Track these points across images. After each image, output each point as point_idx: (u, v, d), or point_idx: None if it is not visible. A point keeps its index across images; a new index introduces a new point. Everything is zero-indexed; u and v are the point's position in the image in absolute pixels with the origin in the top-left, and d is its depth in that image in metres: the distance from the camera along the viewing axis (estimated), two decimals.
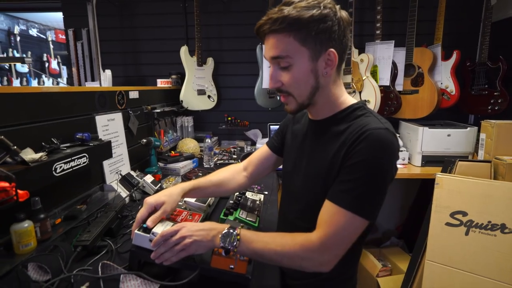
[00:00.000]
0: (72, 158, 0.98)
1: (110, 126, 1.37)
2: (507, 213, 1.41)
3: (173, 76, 2.36)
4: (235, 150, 2.21)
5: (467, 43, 2.31)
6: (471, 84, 2.21)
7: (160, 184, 1.50)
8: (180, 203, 1.02)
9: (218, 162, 2.02)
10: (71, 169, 0.97)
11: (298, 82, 0.74)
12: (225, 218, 0.97)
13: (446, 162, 1.73)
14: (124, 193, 1.33)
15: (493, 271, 1.39)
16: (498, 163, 1.61)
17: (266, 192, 1.31)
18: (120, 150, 1.45)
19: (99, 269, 0.70)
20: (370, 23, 2.28)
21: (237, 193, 1.19)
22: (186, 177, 1.69)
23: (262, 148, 1.06)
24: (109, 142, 1.20)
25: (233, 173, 1.05)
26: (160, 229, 0.78)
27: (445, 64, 2.16)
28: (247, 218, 0.99)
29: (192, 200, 1.02)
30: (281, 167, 1.57)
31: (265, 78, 2.26)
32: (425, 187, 2.49)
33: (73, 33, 2.53)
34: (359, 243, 0.79)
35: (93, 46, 2.45)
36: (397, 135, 0.72)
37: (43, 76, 5.21)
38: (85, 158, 1.05)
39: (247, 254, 0.74)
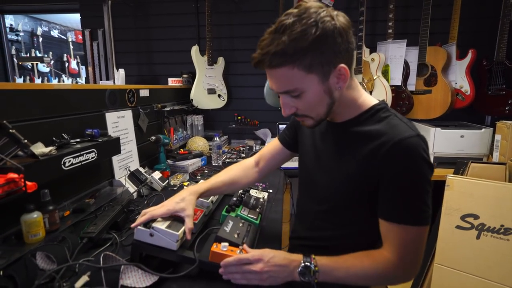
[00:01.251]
0: (81, 153, 1.01)
1: (120, 123, 1.40)
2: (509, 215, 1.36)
3: (184, 75, 2.40)
4: (244, 149, 2.23)
5: (483, 41, 2.24)
6: (487, 84, 2.14)
7: (167, 181, 1.53)
8: None
9: (227, 160, 2.04)
10: (80, 164, 1.01)
11: (312, 106, 0.72)
12: (227, 214, 0.98)
13: (458, 164, 1.69)
14: (132, 188, 1.37)
15: (506, 276, 1.34)
16: None
17: (271, 191, 1.32)
18: (130, 146, 1.49)
19: (101, 260, 0.72)
20: (382, 22, 2.24)
21: (241, 191, 1.20)
22: (193, 175, 1.72)
23: (273, 143, 1.06)
24: (117, 139, 1.24)
25: (244, 170, 1.06)
26: (160, 224, 0.80)
27: (459, 63, 2.10)
28: (249, 215, 0.99)
29: None
30: (289, 165, 1.51)
31: None
32: (436, 189, 2.42)
33: (89, 33, 2.62)
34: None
35: (108, 46, 2.53)
36: None
37: (63, 75, 5.40)
38: (93, 153, 1.08)
39: (328, 281, 0.74)
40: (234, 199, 1.13)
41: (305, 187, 0.94)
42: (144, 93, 1.67)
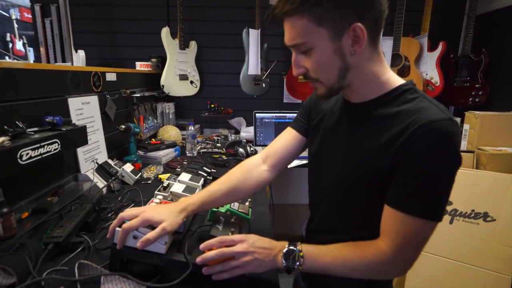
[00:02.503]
0: (41, 144, 0.86)
1: (84, 110, 1.24)
2: (489, 202, 1.44)
3: (153, 60, 2.22)
4: (219, 138, 2.13)
5: (451, 35, 2.33)
6: (454, 76, 2.24)
7: (140, 174, 1.40)
8: (165, 194, 0.93)
9: (202, 150, 1.93)
10: (40, 157, 0.86)
11: (321, 66, 0.65)
12: (216, 210, 0.90)
13: None
14: (101, 183, 1.23)
15: (476, 258, 1.42)
16: (481, 154, 1.64)
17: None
18: (96, 136, 1.33)
19: (76, 270, 0.61)
20: None
21: None
22: (168, 166, 1.60)
23: (285, 132, 0.93)
24: (84, 127, 1.09)
25: (248, 170, 0.88)
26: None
27: (430, 55, 2.17)
28: (239, 210, 0.92)
29: (180, 190, 0.94)
30: None
31: (251, 64, 2.17)
32: None
33: (40, 9, 2.31)
34: None
35: (63, 24, 2.26)
36: None
37: (7, 58, 4.82)
38: (56, 144, 0.93)
39: (312, 271, 0.68)
40: None
41: (316, 176, 0.85)
42: (111, 77, 1.50)
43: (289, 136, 0.92)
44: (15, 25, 4.77)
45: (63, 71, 1.14)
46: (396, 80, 0.69)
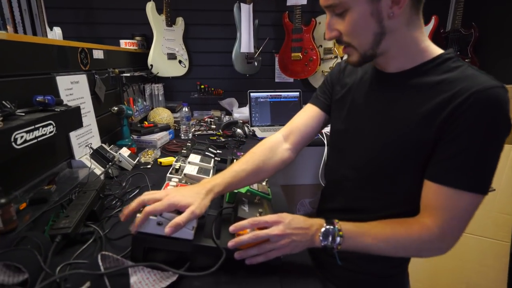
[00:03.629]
0: (36, 126, 0.76)
1: (74, 90, 1.12)
2: None
3: (137, 38, 2.06)
4: (212, 120, 2.05)
5: (441, 9, 2.33)
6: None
7: (138, 158, 1.31)
8: (179, 176, 0.86)
9: (197, 133, 1.84)
10: (35, 140, 0.76)
11: (356, 30, 0.62)
12: (236, 191, 0.84)
13: None
14: (98, 169, 1.13)
15: (475, 227, 1.46)
16: None
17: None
18: (88, 119, 1.22)
19: (100, 263, 0.54)
20: None
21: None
22: (165, 150, 1.51)
23: (305, 110, 0.88)
24: (78, 108, 0.98)
25: (270, 149, 0.84)
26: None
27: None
28: (259, 190, 0.87)
29: (194, 171, 0.87)
30: (265, 135, 1.46)
31: (244, 41, 2.07)
32: None
33: None
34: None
35: None
36: None
37: None
38: (51, 126, 0.83)
39: (352, 249, 0.64)
40: None
41: (339, 153, 0.81)
42: (98, 54, 1.36)
43: (310, 113, 0.87)
44: None
45: (48, 46, 1.01)
46: (437, 49, 0.66)
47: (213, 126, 1.94)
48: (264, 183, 0.94)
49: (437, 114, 0.60)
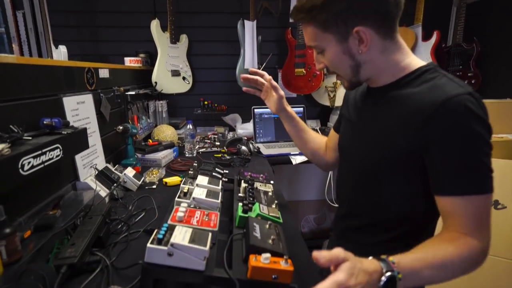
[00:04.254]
0: (43, 150, 0.74)
1: (80, 110, 1.11)
2: (499, 189, 1.43)
3: (141, 55, 2.07)
4: (216, 136, 2.03)
5: (442, 24, 2.35)
6: (446, 65, 2.26)
7: (143, 178, 1.28)
8: (188, 200, 0.84)
9: (200, 150, 1.83)
10: (43, 166, 0.74)
11: (335, 65, 0.72)
12: (246, 215, 0.82)
13: None
14: (103, 191, 1.11)
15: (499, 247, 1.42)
16: None
17: (272, 182, 1.18)
18: (93, 139, 1.20)
19: None
20: None
21: (246, 185, 1.04)
22: (170, 169, 1.49)
23: (330, 134, 1.03)
24: (84, 130, 0.97)
25: (321, 145, 1.05)
26: (180, 239, 0.61)
27: (425, 44, 2.17)
28: (270, 214, 0.84)
29: (203, 195, 0.85)
30: (272, 152, 1.73)
31: (248, 57, 2.08)
32: None
33: (10, 1, 2.09)
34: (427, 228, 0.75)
35: (38, 17, 2.06)
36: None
37: None
38: (58, 150, 0.81)
39: (411, 285, 0.61)
40: (240, 194, 0.97)
41: (343, 162, 0.89)
42: (104, 73, 1.36)
43: (332, 136, 1.01)
44: None
45: (56, 67, 1.01)
46: (417, 63, 0.70)
47: (218, 143, 1.92)
48: (274, 206, 0.92)
49: (410, 122, 0.65)
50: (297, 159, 1.72)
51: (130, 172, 1.24)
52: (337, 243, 0.87)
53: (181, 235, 0.63)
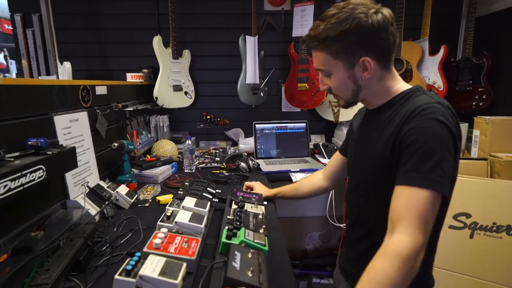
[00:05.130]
0: (23, 172, 0.73)
1: (73, 128, 1.11)
2: None
3: (144, 70, 2.10)
4: (217, 152, 2.01)
5: (451, 38, 2.29)
6: (455, 80, 2.19)
7: (136, 196, 1.27)
8: (170, 225, 0.81)
9: (200, 166, 1.81)
10: (21, 188, 0.73)
11: (339, 87, 0.82)
12: (229, 241, 0.78)
13: None
14: (93, 210, 1.09)
15: (500, 275, 1.33)
16: (494, 161, 1.57)
17: (265, 202, 1.14)
18: (87, 157, 1.20)
19: None
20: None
21: (235, 206, 1.00)
22: (166, 186, 1.47)
23: (335, 155, 1.13)
24: (73, 149, 0.96)
25: (311, 176, 1.22)
26: (150, 270, 0.58)
27: (432, 59, 2.12)
28: (255, 241, 0.81)
29: (186, 219, 0.82)
30: (272, 169, 1.80)
31: (249, 73, 2.08)
32: None
33: (21, 19, 2.17)
34: (435, 236, 0.80)
35: (47, 35, 2.12)
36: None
37: None
38: (41, 171, 0.80)
39: None
40: (229, 217, 0.93)
41: (350, 179, 0.98)
42: (101, 90, 1.37)
43: (337, 157, 1.11)
44: None
45: (48, 86, 1.01)
46: (404, 87, 0.81)
47: (217, 159, 1.90)
48: (262, 231, 0.88)
49: (393, 135, 0.74)
50: (297, 176, 1.67)
51: (122, 190, 1.22)
52: (347, 253, 0.98)
53: (152, 266, 0.60)
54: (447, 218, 1.41)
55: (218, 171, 1.66)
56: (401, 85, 0.82)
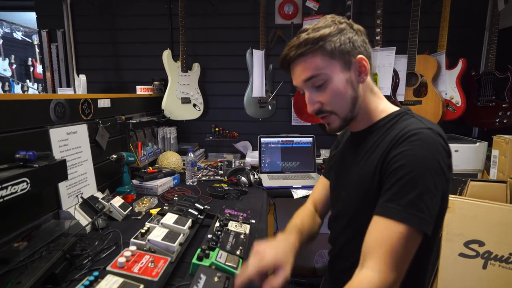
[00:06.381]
0: (3, 185, 0.76)
1: (70, 140, 1.15)
2: None
3: (156, 83, 2.16)
4: (222, 164, 2.01)
5: (471, 51, 2.16)
6: (476, 95, 2.06)
7: (130, 208, 1.28)
8: (142, 242, 0.81)
9: (203, 178, 1.81)
10: (1, 200, 0.76)
11: (337, 96, 0.72)
12: (199, 263, 0.76)
13: (455, 182, 1.56)
14: (85, 220, 1.12)
15: None
16: None
17: (254, 221, 1.11)
18: (83, 168, 1.23)
19: None
20: (369, 28, 2.12)
21: (217, 224, 0.98)
22: (164, 198, 1.48)
23: (320, 182, 1.01)
24: (63, 161, 0.99)
25: (313, 219, 0.95)
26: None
27: (450, 73, 2.01)
28: (227, 263, 0.78)
29: (159, 237, 0.81)
30: (273, 184, 1.74)
31: (256, 86, 2.07)
32: None
33: (47, 34, 2.32)
34: (421, 269, 0.73)
35: (68, 49, 2.26)
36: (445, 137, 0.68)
37: (27, 81, 4.98)
38: (25, 183, 0.83)
39: None
40: (209, 236, 0.91)
41: (332, 206, 0.91)
42: (104, 103, 1.42)
43: (324, 185, 0.99)
44: (37, 50, 4.98)
45: (45, 101, 1.06)
46: (391, 109, 0.77)
47: (221, 172, 1.90)
48: (238, 252, 0.85)
49: (381, 160, 0.68)
50: (298, 193, 1.63)
51: (117, 201, 1.24)
52: (331, 283, 0.91)
53: (106, 287, 0.59)
54: (457, 245, 1.31)
55: (218, 185, 1.65)
56: (386, 105, 0.78)
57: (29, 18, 4.57)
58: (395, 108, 0.77)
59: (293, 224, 0.87)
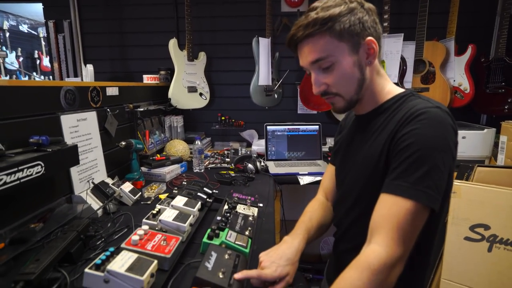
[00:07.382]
0: (19, 167, 0.79)
1: (80, 127, 1.18)
2: None
3: (162, 72, 2.17)
4: (229, 152, 2.03)
5: (481, 37, 2.13)
6: (486, 81, 2.03)
7: (140, 193, 1.31)
8: (154, 222, 0.83)
9: (210, 166, 1.83)
10: (18, 182, 0.78)
11: (344, 79, 0.71)
12: (209, 242, 0.78)
13: (462, 168, 1.55)
14: (96, 204, 1.15)
15: None
16: None
17: (261, 204, 1.13)
18: (94, 154, 1.26)
19: None
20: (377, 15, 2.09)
21: (226, 207, 1.00)
22: (172, 184, 1.51)
23: (328, 170, 1.00)
24: (74, 147, 1.02)
25: (325, 209, 0.94)
26: (118, 266, 0.60)
27: (458, 59, 1.98)
28: (236, 242, 0.80)
29: (170, 218, 0.84)
30: (279, 171, 1.72)
31: (262, 74, 2.07)
32: None
33: (53, 25, 2.34)
34: (427, 246, 0.73)
35: (75, 40, 2.27)
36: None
37: (34, 73, 5.02)
38: (39, 166, 0.86)
39: None
40: (218, 218, 0.94)
41: (338, 190, 0.91)
42: (112, 91, 1.44)
43: (330, 173, 0.98)
44: (43, 43, 5.01)
45: (57, 88, 1.08)
46: (397, 90, 0.76)
47: (228, 159, 1.92)
48: (247, 233, 0.87)
49: (388, 140, 0.68)
50: (304, 180, 1.64)
51: (126, 187, 1.27)
52: (335, 265, 0.90)
53: (121, 262, 0.62)
54: (462, 229, 1.32)
55: (225, 172, 1.67)
56: (392, 87, 0.77)
57: (35, 10, 4.59)
58: (401, 90, 0.76)
59: (300, 221, 0.88)
